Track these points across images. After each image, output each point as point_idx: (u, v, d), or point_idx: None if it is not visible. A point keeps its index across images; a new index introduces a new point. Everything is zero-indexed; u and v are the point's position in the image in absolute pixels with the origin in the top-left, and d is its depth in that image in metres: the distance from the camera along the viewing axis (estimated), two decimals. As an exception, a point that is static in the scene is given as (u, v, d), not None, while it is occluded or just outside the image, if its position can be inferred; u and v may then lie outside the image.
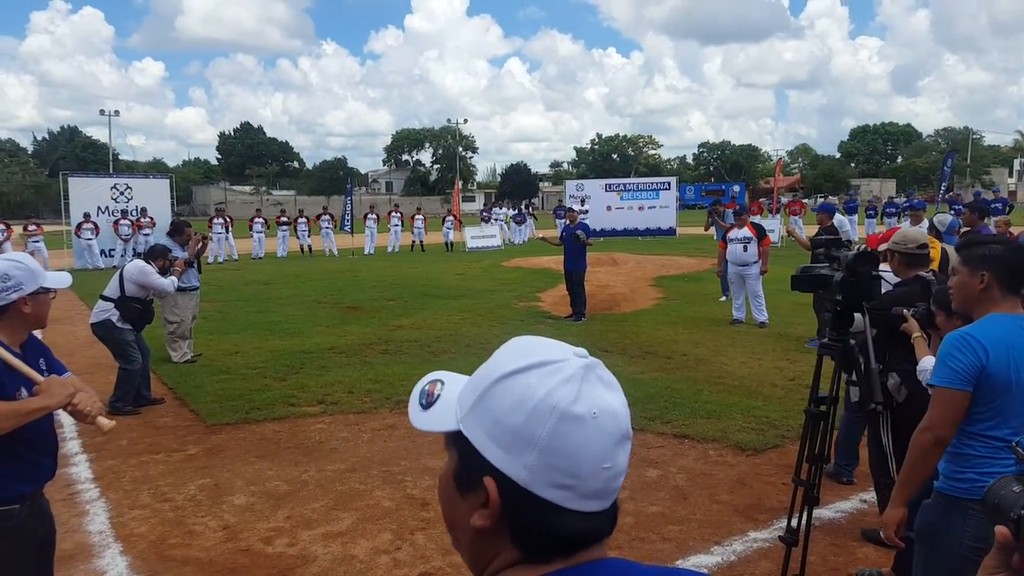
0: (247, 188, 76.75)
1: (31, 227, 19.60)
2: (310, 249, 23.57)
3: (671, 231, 27.76)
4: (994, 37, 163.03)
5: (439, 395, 0.81)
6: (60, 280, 2.42)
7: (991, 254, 2.22)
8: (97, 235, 19.97)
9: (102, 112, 57.01)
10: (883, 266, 3.44)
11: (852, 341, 2.88)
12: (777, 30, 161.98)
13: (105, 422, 2.31)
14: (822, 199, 63.18)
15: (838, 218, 10.78)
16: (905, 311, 3.01)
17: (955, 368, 2.12)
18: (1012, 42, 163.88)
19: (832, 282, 2.81)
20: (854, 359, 2.87)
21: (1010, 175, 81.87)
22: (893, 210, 25.52)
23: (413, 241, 25.02)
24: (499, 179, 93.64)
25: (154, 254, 7.08)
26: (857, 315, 2.87)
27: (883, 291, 3.21)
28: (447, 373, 0.86)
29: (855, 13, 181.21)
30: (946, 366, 2.14)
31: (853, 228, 10.78)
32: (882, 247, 3.88)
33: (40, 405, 2.19)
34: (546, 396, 0.72)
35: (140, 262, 6.85)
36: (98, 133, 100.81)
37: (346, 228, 24.40)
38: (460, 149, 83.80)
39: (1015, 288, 2.22)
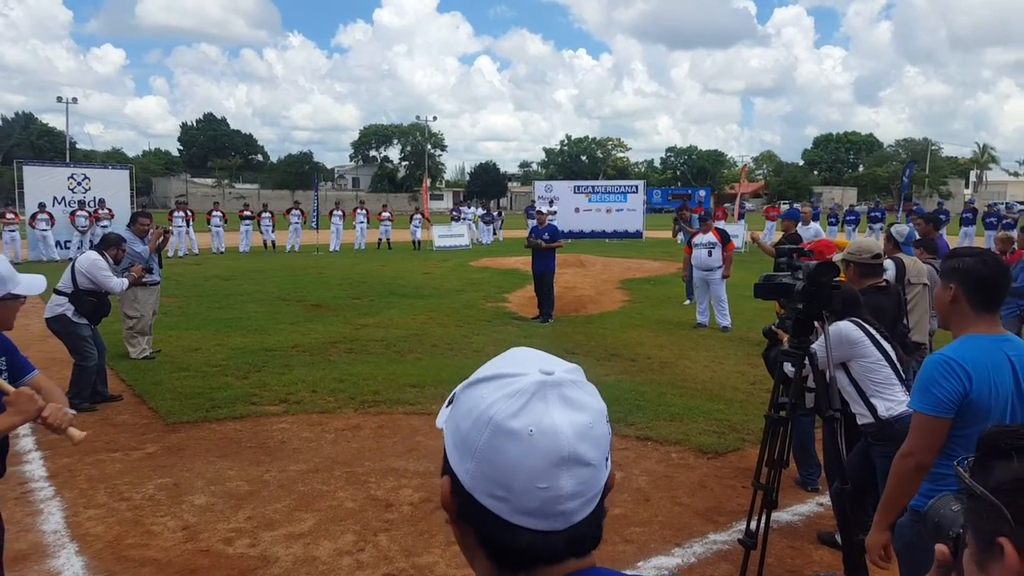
0: (209, 180, 75.33)
1: (8, 215, 19.15)
2: (273, 244, 23.27)
3: (638, 234, 28.12)
4: (952, 51, 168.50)
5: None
6: (32, 287, 2.35)
7: (960, 266, 2.18)
8: (52, 226, 19.44)
9: (59, 99, 55.40)
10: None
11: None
12: (744, 37, 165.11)
13: (76, 433, 2.26)
14: (786, 206, 64.59)
15: (814, 227, 10.92)
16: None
17: (938, 396, 2.09)
18: (970, 56, 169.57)
19: (794, 291, 2.90)
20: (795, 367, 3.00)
21: (966, 186, 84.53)
22: (853, 218, 26.18)
23: (380, 239, 24.87)
24: (468, 178, 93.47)
25: (107, 243, 6.90)
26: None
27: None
28: None
29: (820, 23, 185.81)
30: (929, 392, 2.11)
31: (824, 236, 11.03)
32: (836, 257, 4.00)
33: (7, 424, 2.14)
34: (487, 407, 0.74)
35: (93, 254, 6.67)
36: (54, 120, 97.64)
37: (313, 225, 24.17)
38: (429, 146, 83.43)
39: (986, 304, 2.18)
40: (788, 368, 3.05)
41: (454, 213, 29.38)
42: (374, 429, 5.65)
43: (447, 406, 0.85)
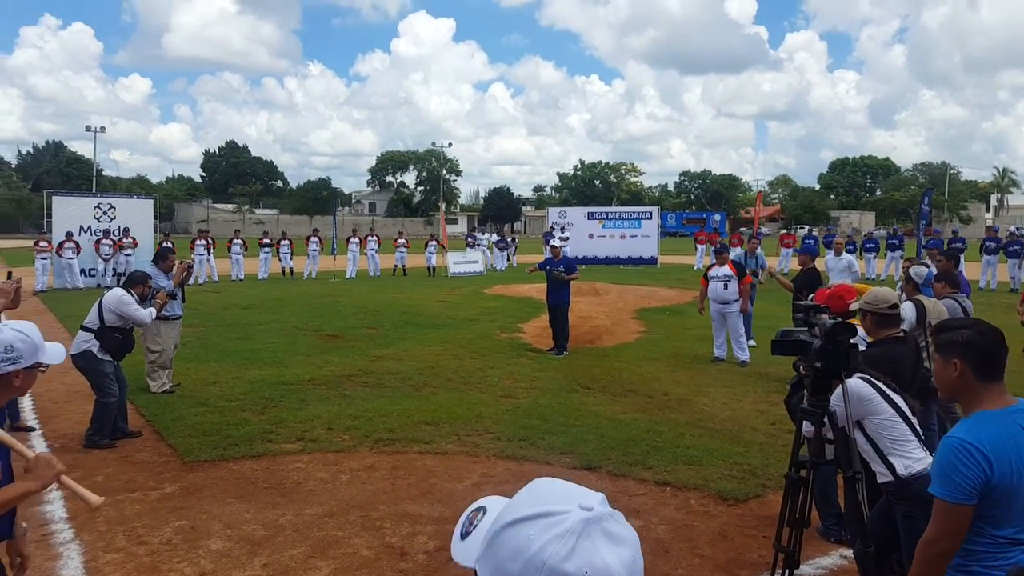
0: (230, 206, 76.42)
1: (42, 243, 19.63)
2: (291, 271, 23.47)
3: (652, 260, 28.09)
4: (967, 73, 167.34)
5: (477, 526, 0.84)
6: (55, 355, 2.38)
7: (960, 340, 2.16)
8: (78, 254, 19.78)
9: (88, 128, 56.81)
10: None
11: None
12: (756, 62, 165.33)
13: (93, 499, 2.23)
14: (803, 230, 64.23)
15: (847, 258, 10.46)
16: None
17: (959, 483, 2.05)
18: (985, 79, 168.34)
19: (811, 349, 2.87)
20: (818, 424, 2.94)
21: (987, 210, 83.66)
22: (873, 245, 25.49)
23: (395, 265, 25.01)
24: (482, 202, 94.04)
25: (133, 281, 7.01)
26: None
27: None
28: (492, 500, 0.89)
29: (832, 47, 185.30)
30: (950, 480, 2.07)
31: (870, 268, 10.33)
32: (853, 305, 3.95)
33: (23, 490, 2.14)
34: (539, 551, 0.75)
35: (119, 291, 6.80)
36: (82, 148, 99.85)
37: (331, 251, 24.41)
38: (444, 172, 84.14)
39: (992, 375, 2.16)
40: (807, 428, 3.01)
41: (469, 239, 29.52)
42: (389, 470, 5.63)
43: (461, 539, 0.84)
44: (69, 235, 19.68)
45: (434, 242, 25.67)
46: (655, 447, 6.06)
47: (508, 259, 29.10)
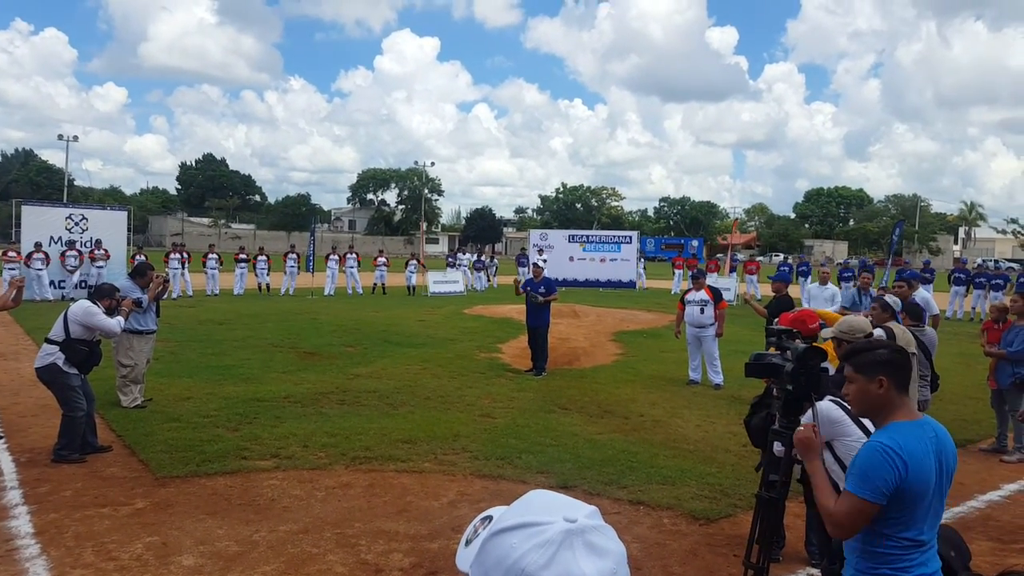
0: (205, 220, 75.77)
1: (11, 253, 19.42)
2: (268, 288, 23.30)
3: (631, 284, 28.45)
4: (939, 109, 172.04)
5: (479, 534, 0.88)
6: None
7: (884, 359, 2.37)
8: (47, 265, 19.46)
9: (60, 137, 56.16)
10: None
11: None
12: (736, 92, 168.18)
13: None
14: (778, 258, 65.22)
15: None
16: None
17: (875, 482, 2.23)
18: (956, 114, 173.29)
19: (783, 372, 2.96)
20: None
21: (955, 242, 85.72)
22: (849, 274, 25.75)
23: (375, 283, 24.94)
24: (464, 222, 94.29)
25: (101, 293, 6.90)
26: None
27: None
28: (498, 510, 0.91)
29: (810, 79, 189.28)
30: (866, 478, 2.25)
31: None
32: (826, 332, 4.08)
33: None
34: (519, 558, 0.79)
35: (85, 302, 6.66)
36: (54, 157, 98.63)
37: (310, 268, 24.23)
38: (426, 191, 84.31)
39: (906, 388, 2.40)
40: (778, 448, 3.10)
41: (450, 260, 29.62)
42: (365, 488, 5.62)
43: (465, 545, 0.89)
44: (38, 245, 19.37)
45: (415, 261, 25.67)
46: (630, 467, 6.12)
47: (489, 279, 29.21)
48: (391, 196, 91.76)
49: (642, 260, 32.12)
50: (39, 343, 6.56)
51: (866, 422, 3.36)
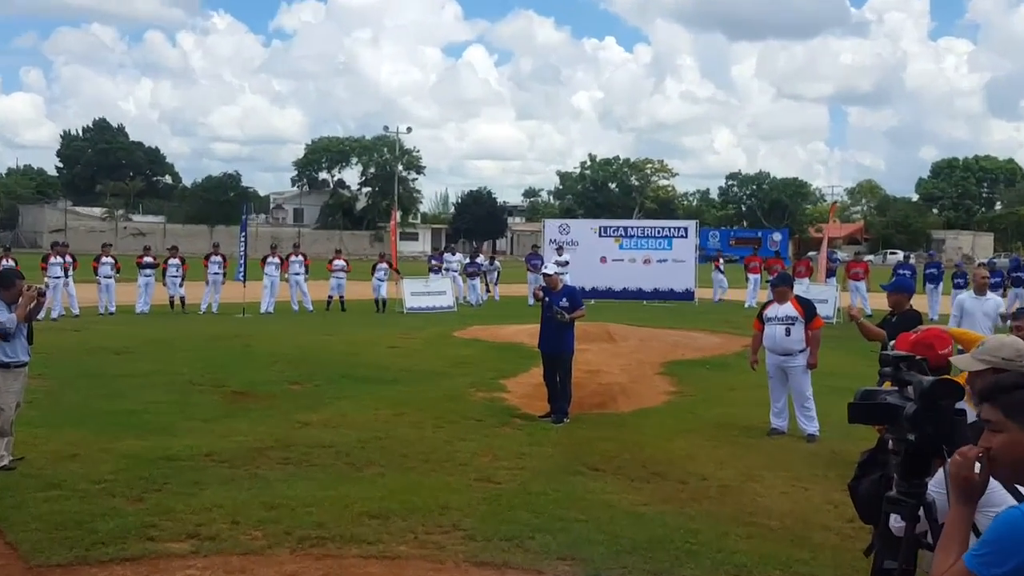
0: (98, 211, 76.34)
1: None
2: (183, 303, 23.43)
3: (688, 295, 28.32)
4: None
5: None
6: None
7: None
8: None
9: None
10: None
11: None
12: (832, 24, 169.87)
13: None
14: (893, 255, 65.04)
15: (993, 299, 9.49)
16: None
17: (1008, 565, 2.15)
18: None
19: (902, 415, 2.95)
20: None
21: None
22: (997, 280, 25.06)
23: (330, 296, 25.05)
24: (453, 210, 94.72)
25: None
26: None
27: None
28: None
29: (937, 5, 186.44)
30: (999, 555, 2.18)
31: None
32: (961, 361, 4.04)
33: None
34: None
35: None
36: None
37: (239, 277, 24.09)
38: (400, 167, 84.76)
39: None
40: (895, 523, 3.08)
41: (434, 262, 29.67)
42: (318, 581, 5.64)
43: None
44: None
45: (385, 264, 25.76)
46: (689, 552, 6.11)
47: (488, 289, 29.22)
48: (352, 175, 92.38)
49: (720, 259, 31.97)
50: None
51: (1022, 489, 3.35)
